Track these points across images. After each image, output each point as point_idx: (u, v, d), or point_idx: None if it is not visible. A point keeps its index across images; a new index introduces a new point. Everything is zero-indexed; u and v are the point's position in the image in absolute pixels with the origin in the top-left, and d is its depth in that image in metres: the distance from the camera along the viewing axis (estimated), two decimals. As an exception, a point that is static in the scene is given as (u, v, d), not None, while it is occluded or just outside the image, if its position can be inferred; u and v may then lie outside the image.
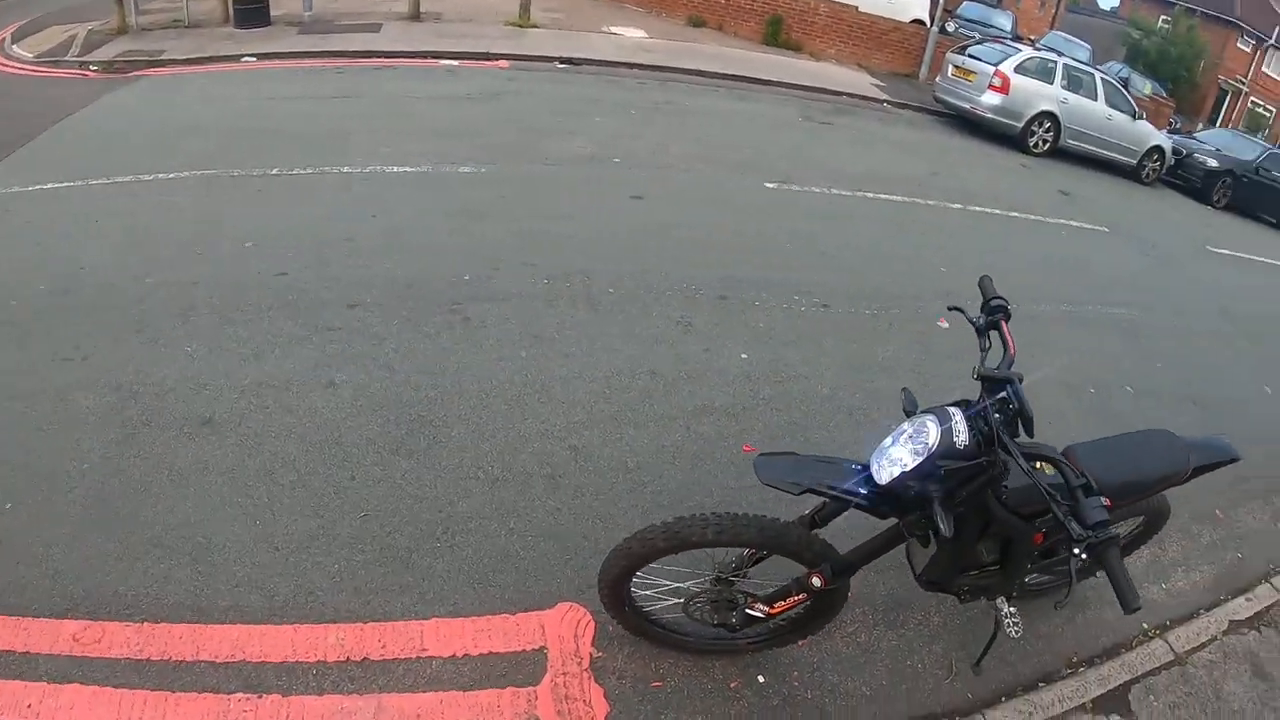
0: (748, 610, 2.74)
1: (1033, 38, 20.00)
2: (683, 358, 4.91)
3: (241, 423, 3.91)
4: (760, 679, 3.00)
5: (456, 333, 4.80)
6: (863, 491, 2.49)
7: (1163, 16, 37.32)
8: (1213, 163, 17.24)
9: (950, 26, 20.14)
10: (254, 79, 11.55)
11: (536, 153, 7.82)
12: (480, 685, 2.77)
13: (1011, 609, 2.96)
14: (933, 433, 2.37)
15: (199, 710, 2.56)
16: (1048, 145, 14.44)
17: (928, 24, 19.09)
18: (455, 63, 12.35)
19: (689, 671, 2.94)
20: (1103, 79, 15.48)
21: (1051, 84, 14.27)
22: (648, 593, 2.84)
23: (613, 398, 4.37)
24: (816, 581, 2.62)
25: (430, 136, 8.21)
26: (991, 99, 13.78)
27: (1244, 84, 40.88)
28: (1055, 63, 14.58)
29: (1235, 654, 4.17)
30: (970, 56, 14.54)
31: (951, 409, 2.45)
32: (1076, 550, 2.05)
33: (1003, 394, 2.42)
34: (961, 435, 2.36)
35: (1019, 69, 14.00)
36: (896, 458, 2.41)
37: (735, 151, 9.00)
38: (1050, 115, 14.22)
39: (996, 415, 2.37)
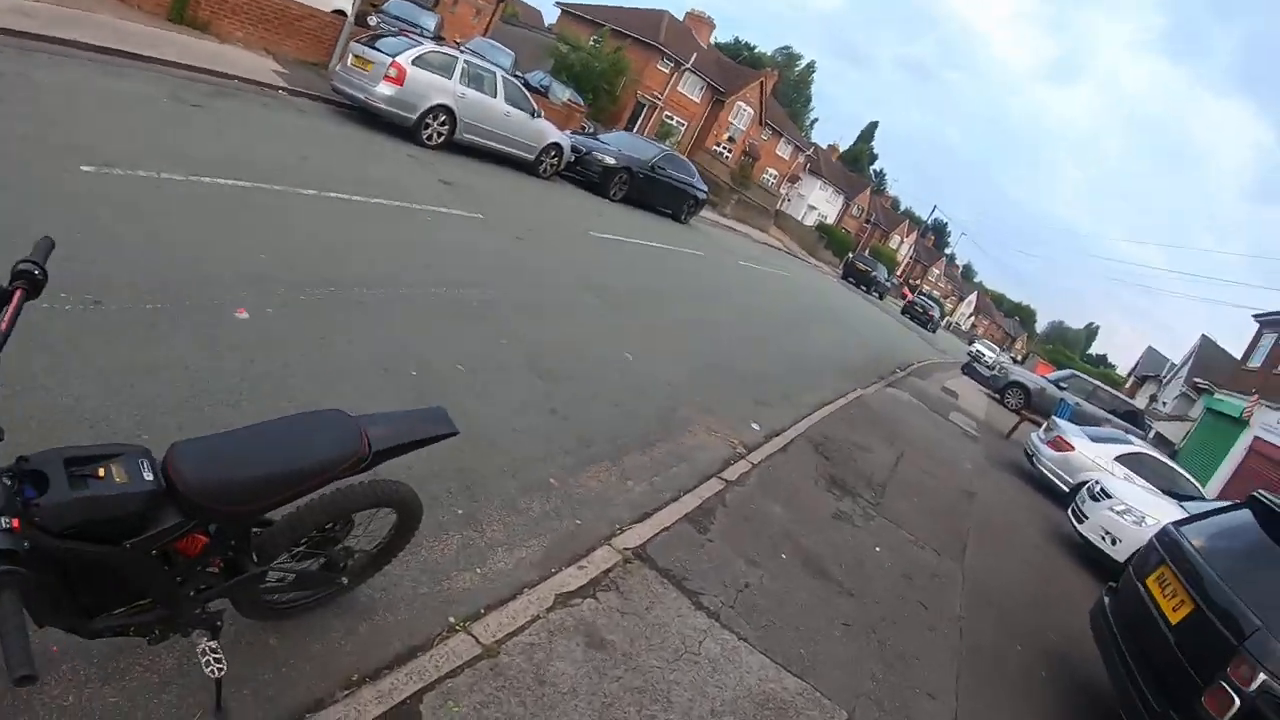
0: None
1: (458, 40, 20.88)
2: None
3: None
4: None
5: None
6: None
7: (593, 36, 41.27)
8: (611, 160, 19.35)
9: (372, 20, 20.34)
10: None
11: None
12: None
13: (213, 643, 2.64)
14: None
15: None
16: (442, 138, 14.80)
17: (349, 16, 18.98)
18: None
19: None
20: (504, 78, 16.30)
21: (450, 79, 14.65)
22: None
23: None
24: None
25: None
26: (385, 89, 13.77)
27: (660, 99, 47.05)
28: (456, 59, 15.00)
29: (564, 629, 3.99)
30: (373, 48, 14.46)
31: None
32: None
33: None
34: None
35: (417, 61, 14.15)
36: None
37: (65, 133, 7.71)
38: (446, 109, 14.58)
39: None
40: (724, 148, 52.15)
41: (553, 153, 17.67)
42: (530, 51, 32.52)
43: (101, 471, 2.17)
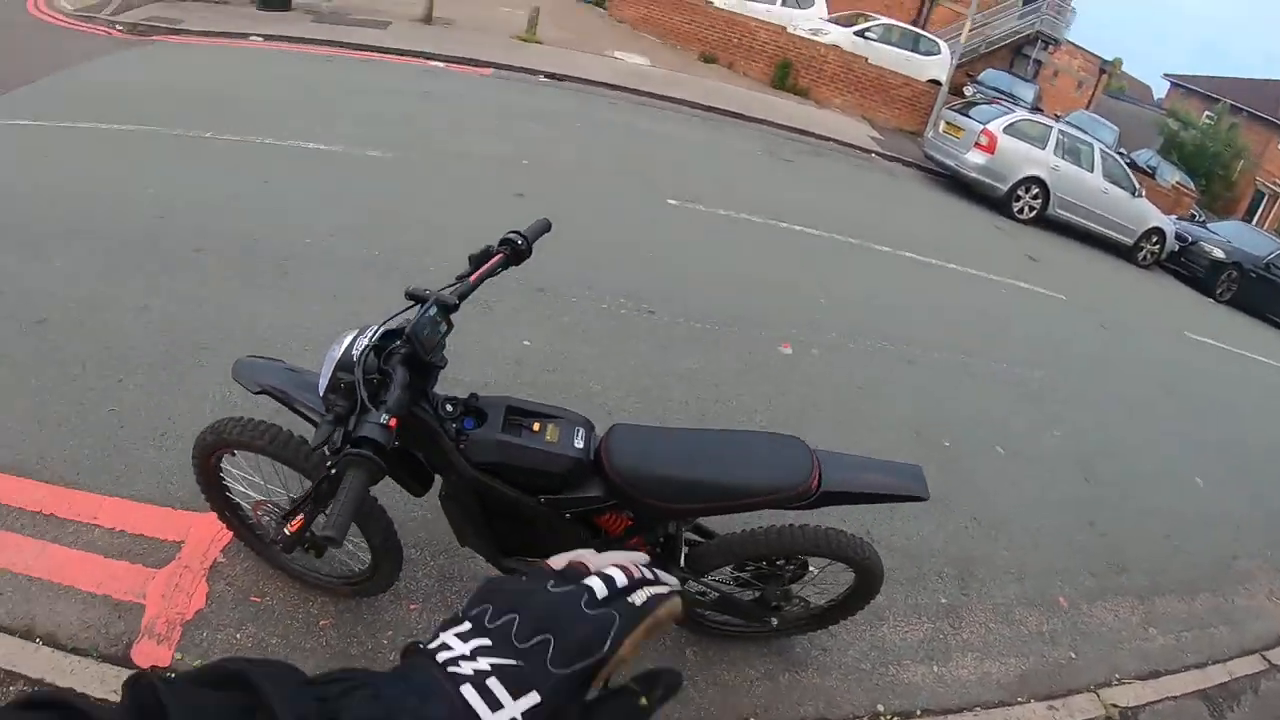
0: (287, 531, 2.35)
1: (1057, 113, 19.88)
2: (466, 334, 4.70)
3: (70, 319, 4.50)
4: (357, 628, 2.99)
5: (274, 289, 5.16)
6: (315, 405, 2.31)
7: (1206, 112, 36.79)
8: (1219, 253, 16.58)
9: (968, 89, 20.12)
10: (249, 57, 12.01)
11: (453, 148, 8.00)
12: (120, 557, 3.04)
13: None
14: (347, 340, 2.12)
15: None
16: (1034, 212, 14.04)
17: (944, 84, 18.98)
18: (442, 65, 12.63)
19: (290, 599, 3.00)
20: (1102, 152, 15.06)
21: (1044, 149, 13.89)
22: (239, 486, 2.85)
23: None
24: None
25: (365, 123, 8.51)
26: (976, 158, 13.46)
27: (1282, 187, 40.19)
28: (1050, 128, 14.20)
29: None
30: (965, 115, 14.28)
31: (383, 325, 2.17)
32: (329, 464, 1.86)
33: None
34: (362, 347, 2.06)
35: (1009, 129, 13.66)
36: (324, 367, 2.13)
37: (660, 170, 8.93)
38: (1038, 181, 13.83)
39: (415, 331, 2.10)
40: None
41: (1154, 238, 15.79)
42: (1138, 128, 29.88)
43: (537, 426, 2.34)
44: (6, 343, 4.25)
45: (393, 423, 1.85)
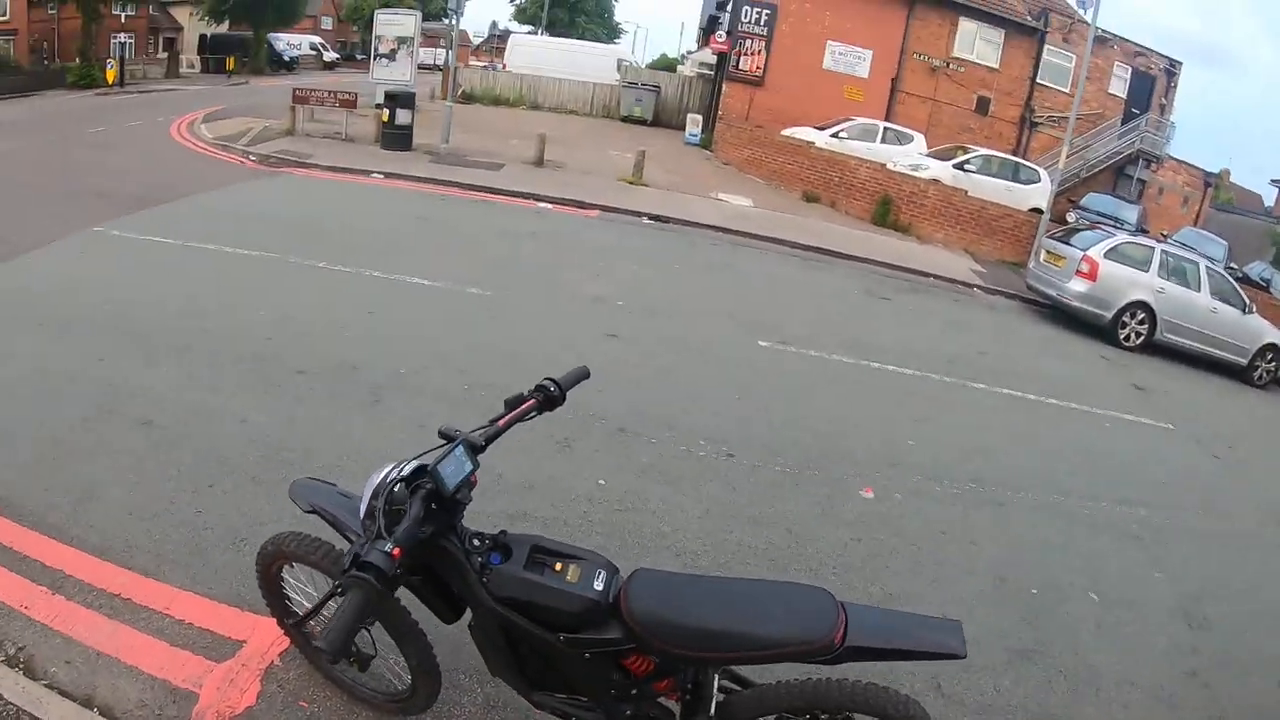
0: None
1: (1164, 232, 19.41)
2: (542, 471, 5.04)
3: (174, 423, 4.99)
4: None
5: (365, 415, 5.52)
6: (356, 528, 2.46)
7: (1319, 217, 35.14)
8: None
9: (1071, 216, 19.87)
10: (369, 192, 12.95)
11: (552, 287, 8.40)
12: (184, 646, 3.27)
13: None
14: (385, 470, 2.32)
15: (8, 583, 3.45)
16: (1141, 339, 13.45)
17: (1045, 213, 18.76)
18: (550, 206, 13.32)
19: (336, 708, 3.09)
20: (1208, 269, 14.40)
21: (1147, 272, 13.41)
22: (296, 595, 3.03)
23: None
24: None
25: (469, 260, 9.10)
26: (1078, 286, 13.06)
27: None
28: (1152, 249, 13.78)
29: None
30: (1065, 243, 14.00)
31: (415, 459, 2.36)
32: (336, 583, 2.03)
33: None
34: (392, 478, 2.27)
35: (1109, 254, 13.26)
36: (364, 494, 2.35)
37: (753, 311, 9.10)
38: (1144, 305, 13.30)
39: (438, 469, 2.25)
40: None
41: (1269, 355, 14.76)
42: (1249, 239, 28.48)
43: (559, 566, 2.40)
44: (113, 438, 4.71)
45: (396, 552, 2.01)
